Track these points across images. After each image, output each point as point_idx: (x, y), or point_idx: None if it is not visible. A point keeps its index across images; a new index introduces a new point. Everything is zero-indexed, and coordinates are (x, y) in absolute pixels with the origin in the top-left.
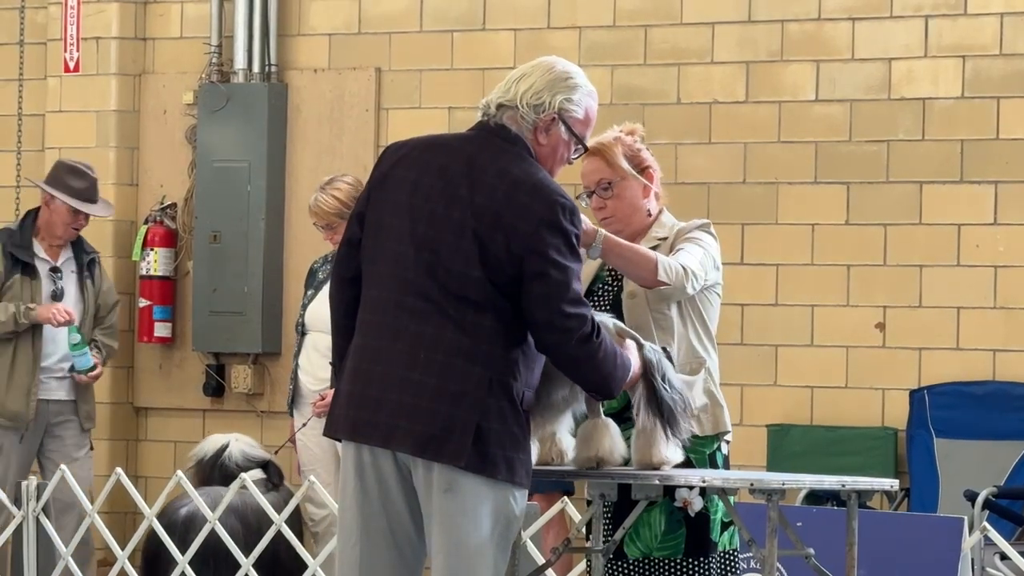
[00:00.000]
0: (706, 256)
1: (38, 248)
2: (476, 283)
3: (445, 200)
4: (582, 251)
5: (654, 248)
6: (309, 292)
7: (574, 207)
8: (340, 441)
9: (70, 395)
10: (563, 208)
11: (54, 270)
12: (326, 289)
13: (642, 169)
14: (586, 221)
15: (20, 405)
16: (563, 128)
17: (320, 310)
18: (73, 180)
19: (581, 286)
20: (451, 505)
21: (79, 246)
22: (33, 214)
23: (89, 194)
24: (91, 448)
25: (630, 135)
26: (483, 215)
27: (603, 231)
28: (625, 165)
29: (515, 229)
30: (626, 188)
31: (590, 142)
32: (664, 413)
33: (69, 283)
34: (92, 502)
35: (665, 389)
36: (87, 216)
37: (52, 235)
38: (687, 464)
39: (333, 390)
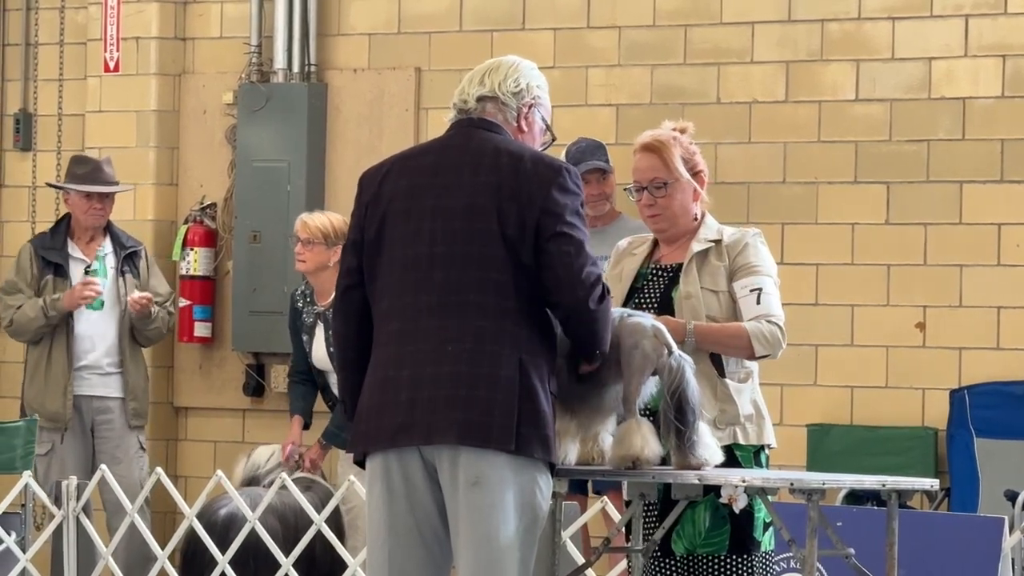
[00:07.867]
0: (774, 283)
1: (73, 248)
2: (497, 262)
3: (446, 192)
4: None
5: (705, 252)
6: (306, 338)
7: (574, 169)
8: (364, 461)
9: (117, 392)
10: (567, 171)
11: (89, 268)
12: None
13: (695, 172)
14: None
15: (58, 405)
16: (538, 115)
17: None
18: (76, 168)
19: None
20: (478, 499)
21: (117, 240)
22: (67, 216)
23: (94, 176)
24: (142, 448)
25: (682, 133)
26: (491, 191)
27: (691, 325)
28: (680, 167)
29: (528, 196)
30: (679, 190)
31: (647, 137)
32: (680, 425)
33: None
34: (144, 502)
35: (684, 403)
36: (102, 197)
37: (81, 229)
38: (731, 462)
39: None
